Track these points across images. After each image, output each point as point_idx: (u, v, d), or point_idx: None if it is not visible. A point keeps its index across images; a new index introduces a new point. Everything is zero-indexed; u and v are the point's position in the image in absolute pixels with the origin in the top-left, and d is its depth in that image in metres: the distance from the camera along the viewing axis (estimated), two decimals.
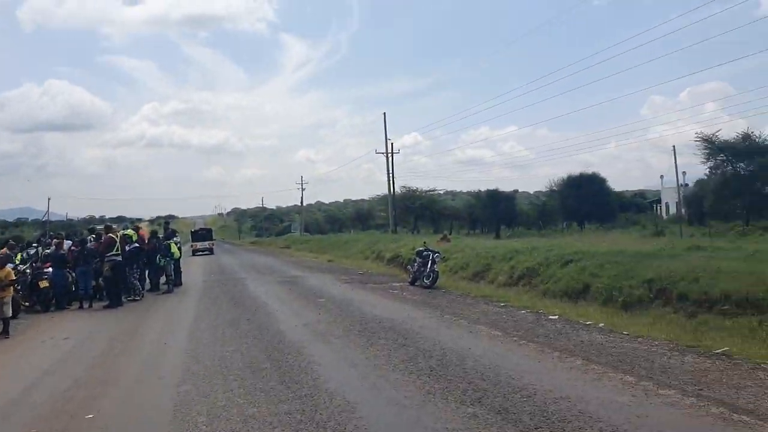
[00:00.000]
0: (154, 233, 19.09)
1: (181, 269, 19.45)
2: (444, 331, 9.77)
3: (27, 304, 14.31)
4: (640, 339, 8.65)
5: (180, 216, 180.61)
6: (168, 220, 27.22)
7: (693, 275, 11.48)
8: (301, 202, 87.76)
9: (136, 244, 16.28)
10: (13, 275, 12.54)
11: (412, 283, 16.99)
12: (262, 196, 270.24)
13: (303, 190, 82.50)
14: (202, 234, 50.00)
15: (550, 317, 10.80)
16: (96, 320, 12.84)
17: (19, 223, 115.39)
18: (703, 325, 9.83)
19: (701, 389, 5.95)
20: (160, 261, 17.66)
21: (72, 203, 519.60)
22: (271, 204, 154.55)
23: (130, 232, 16.84)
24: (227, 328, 10.72)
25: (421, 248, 17.67)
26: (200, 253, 44.88)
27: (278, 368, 7.32)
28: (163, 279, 18.08)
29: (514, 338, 8.92)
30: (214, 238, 53.89)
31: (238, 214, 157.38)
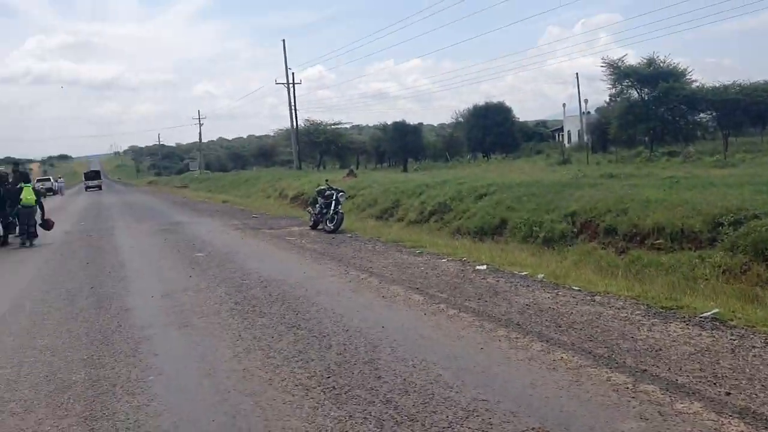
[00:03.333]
0: None
1: (45, 218, 16.45)
2: (349, 297, 8.10)
3: None
4: (597, 297, 7.38)
5: (74, 156, 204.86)
6: (18, 162, 25.45)
7: (621, 206, 11.15)
8: (200, 139, 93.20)
9: None
10: None
11: (313, 227, 15.80)
12: (158, 132, 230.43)
13: (201, 125, 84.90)
14: (92, 174, 70.63)
15: (478, 267, 9.60)
16: None
17: None
18: (636, 263, 9.46)
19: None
20: (9, 210, 15.82)
21: None
22: (170, 141, 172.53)
23: None
24: (57, 303, 8.42)
25: (323, 187, 16.37)
26: (91, 189, 62.61)
27: (91, 385, 5.14)
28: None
29: (440, 305, 7.35)
30: (102, 177, 76.96)
31: (136, 153, 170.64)
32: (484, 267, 9.70)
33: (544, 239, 11.83)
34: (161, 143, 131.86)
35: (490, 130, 61.32)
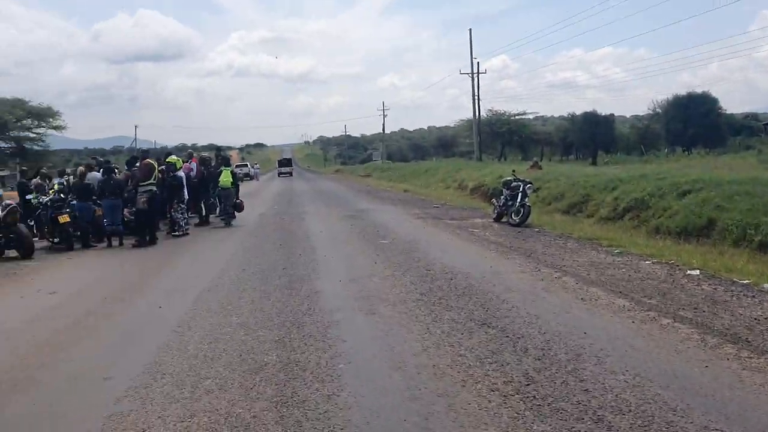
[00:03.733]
0: (203, 161, 18.12)
1: (238, 200, 17.50)
2: (543, 297, 7.47)
3: (54, 240, 13.97)
4: None
5: (269, 144, 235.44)
6: (220, 148, 27.74)
7: None
8: (383, 129, 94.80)
9: (180, 173, 15.64)
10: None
11: (497, 220, 15.71)
12: (345, 123, 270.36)
13: (384, 116, 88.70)
14: (284, 162, 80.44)
15: (689, 272, 8.62)
16: (111, 264, 11.83)
17: (116, 151, 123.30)
18: None
19: None
20: (211, 191, 17.46)
21: (161, 132, 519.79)
22: (355, 132, 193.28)
23: (174, 159, 16.00)
24: (252, 283, 8.80)
25: (509, 178, 16.25)
26: (283, 175, 71.72)
27: (282, 368, 5.13)
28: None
29: (650, 312, 6.57)
30: (294, 165, 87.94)
31: (324, 143, 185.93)
32: (697, 272, 8.62)
33: (759, 244, 10.58)
34: (347, 134, 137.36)
35: (693, 122, 56.48)
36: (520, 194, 14.93)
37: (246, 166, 67.19)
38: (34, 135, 52.60)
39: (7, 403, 4.74)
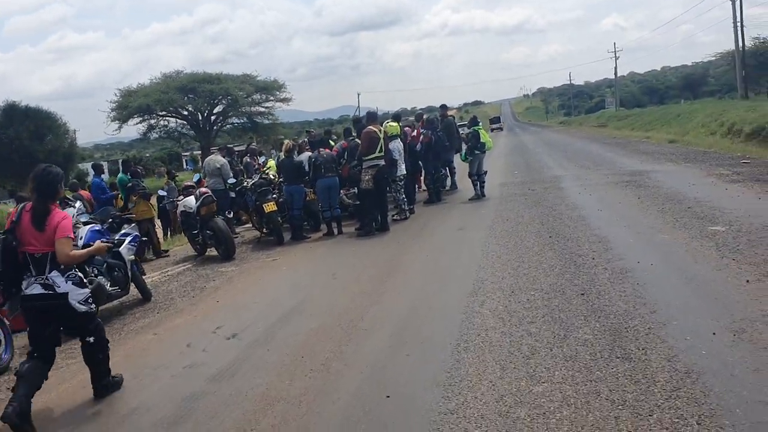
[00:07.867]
0: (429, 123, 13.99)
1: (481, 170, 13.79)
2: None
3: (263, 231, 11.65)
4: None
5: (486, 101, 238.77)
6: (445, 106, 18.56)
7: None
8: (615, 73, 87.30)
9: (396, 143, 11.66)
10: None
11: None
12: (569, 71, 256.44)
13: (616, 58, 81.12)
14: (495, 119, 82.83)
15: None
16: (324, 269, 8.73)
17: (342, 120, 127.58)
18: None
19: None
20: (464, 158, 14.10)
21: (382, 97, 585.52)
22: (578, 80, 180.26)
23: (392, 125, 12.09)
24: (537, 328, 5.13)
25: None
26: (495, 129, 68.69)
27: None
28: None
29: None
30: (513, 120, 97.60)
31: (545, 94, 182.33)
32: None
33: None
34: (571, 82, 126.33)
35: None
36: None
37: (465, 126, 64.41)
38: (264, 109, 53.84)
39: None
